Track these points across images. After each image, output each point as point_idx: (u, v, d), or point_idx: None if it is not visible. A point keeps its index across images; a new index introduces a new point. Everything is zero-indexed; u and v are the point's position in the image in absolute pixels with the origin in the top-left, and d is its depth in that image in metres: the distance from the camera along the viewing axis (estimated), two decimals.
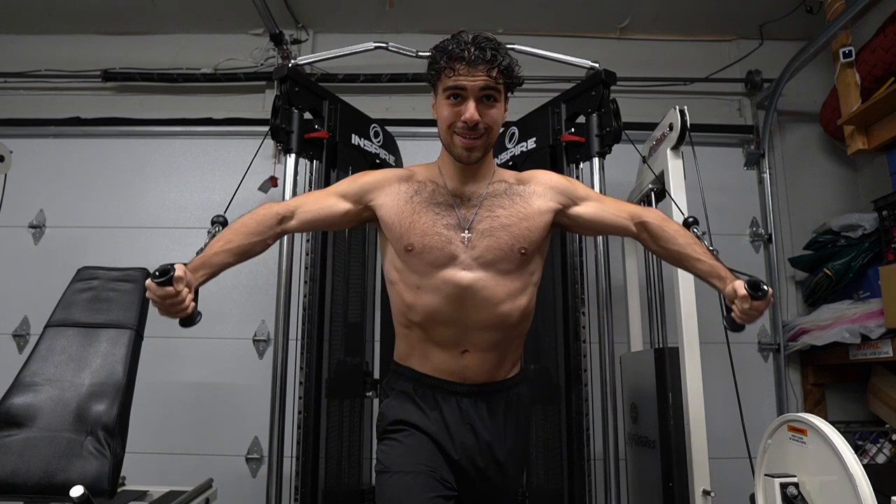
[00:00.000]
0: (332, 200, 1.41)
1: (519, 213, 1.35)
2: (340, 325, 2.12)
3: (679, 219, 1.88)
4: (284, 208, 1.39)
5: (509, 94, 1.37)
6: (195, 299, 1.23)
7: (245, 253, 1.33)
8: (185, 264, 1.21)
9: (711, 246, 1.42)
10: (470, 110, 1.27)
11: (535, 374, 2.11)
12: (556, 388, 2.03)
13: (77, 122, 2.96)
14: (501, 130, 2.38)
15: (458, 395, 1.35)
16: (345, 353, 2.14)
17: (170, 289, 1.15)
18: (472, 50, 1.26)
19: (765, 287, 1.23)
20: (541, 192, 1.40)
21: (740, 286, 1.25)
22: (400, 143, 2.52)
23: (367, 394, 2.24)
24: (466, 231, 1.33)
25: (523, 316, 1.39)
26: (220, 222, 1.45)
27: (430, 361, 1.36)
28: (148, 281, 1.16)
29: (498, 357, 1.38)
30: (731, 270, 1.34)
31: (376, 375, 2.31)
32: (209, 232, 1.40)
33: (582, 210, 1.43)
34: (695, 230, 1.49)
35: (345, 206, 1.41)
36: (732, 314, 1.29)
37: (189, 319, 1.23)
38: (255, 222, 1.34)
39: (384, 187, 1.40)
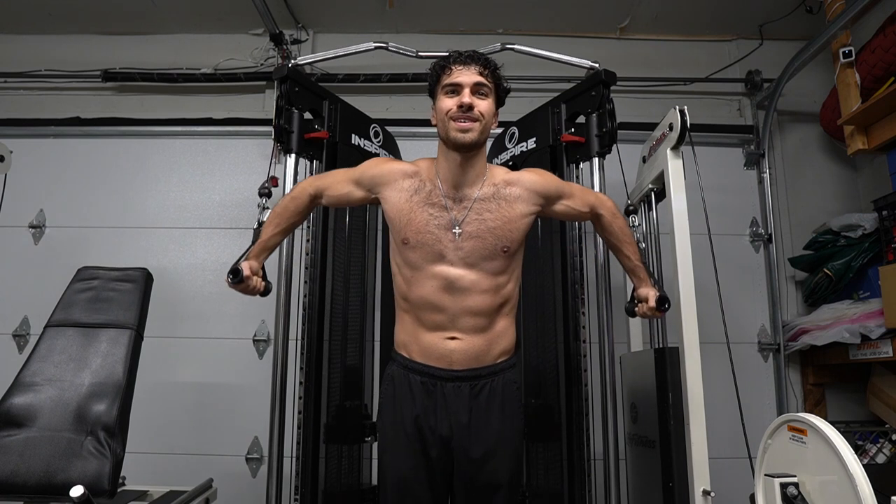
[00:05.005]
0: (349, 188, 1.63)
1: (504, 216, 1.52)
2: (340, 324, 2.12)
3: (680, 220, 1.90)
4: (315, 189, 1.65)
5: (498, 109, 1.57)
6: (263, 277, 1.61)
7: (290, 230, 1.69)
8: (245, 258, 1.57)
9: (643, 243, 1.94)
10: (466, 96, 1.47)
11: (536, 375, 2.10)
12: (557, 389, 2.03)
13: (77, 122, 2.96)
14: (501, 130, 2.38)
15: (443, 381, 1.50)
16: (345, 353, 2.14)
17: (242, 284, 1.54)
18: (466, 55, 1.52)
19: (667, 306, 1.60)
20: (525, 196, 1.57)
21: (653, 297, 1.59)
22: (400, 143, 2.52)
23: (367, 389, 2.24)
24: (457, 229, 1.50)
25: (505, 304, 1.56)
26: (266, 194, 1.89)
27: (421, 345, 1.52)
28: (227, 281, 1.53)
29: (485, 343, 1.52)
30: (649, 275, 1.67)
31: (376, 372, 2.31)
32: (260, 205, 1.86)
33: (557, 207, 1.65)
34: (632, 220, 2.03)
35: (358, 194, 1.63)
36: (636, 308, 1.65)
37: (265, 293, 1.63)
38: (294, 204, 1.63)
39: (391, 182, 1.57)
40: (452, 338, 1.50)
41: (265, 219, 1.70)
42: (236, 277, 1.52)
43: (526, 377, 2.05)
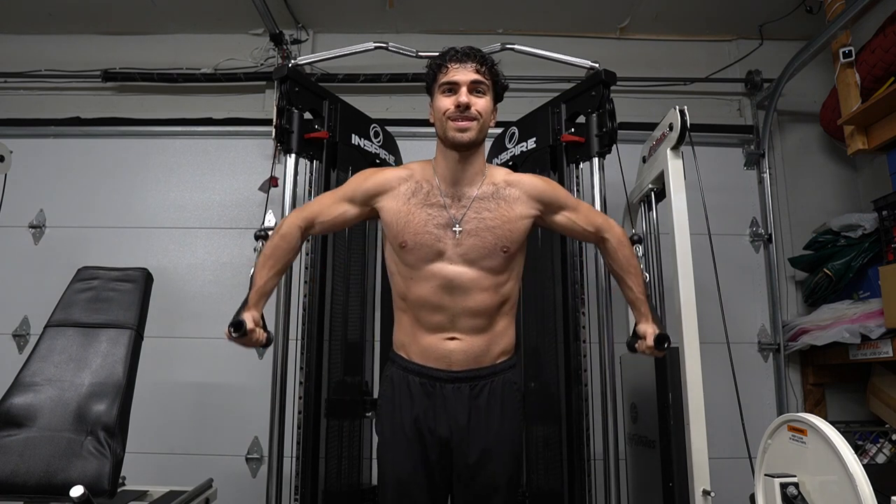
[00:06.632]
0: (343, 207, 1.58)
1: (503, 215, 1.50)
2: (340, 324, 2.12)
3: (680, 220, 1.90)
4: (304, 220, 1.57)
5: (496, 105, 1.56)
6: (264, 326, 1.48)
7: (285, 269, 1.63)
8: (245, 308, 1.46)
9: (647, 274, 1.68)
10: (463, 95, 1.45)
11: (535, 375, 2.11)
12: (556, 388, 2.03)
13: (77, 122, 2.96)
14: (501, 130, 2.38)
15: (442, 382, 1.49)
16: (345, 354, 2.14)
17: (246, 338, 1.42)
18: (462, 52, 1.49)
19: (667, 345, 1.49)
20: (524, 198, 1.55)
21: (651, 335, 1.50)
22: (400, 143, 2.52)
23: (367, 382, 2.24)
24: (457, 227, 1.48)
25: (505, 303, 1.54)
26: (264, 237, 1.73)
27: (420, 346, 1.51)
28: (227, 334, 1.39)
29: (485, 343, 1.51)
30: (652, 312, 1.59)
31: (376, 371, 2.31)
32: (255, 249, 1.68)
33: (558, 218, 1.60)
34: (636, 249, 1.73)
35: (354, 211, 1.58)
36: (636, 345, 1.55)
37: (267, 344, 1.50)
38: (285, 242, 1.55)
39: (388, 190, 1.54)
40: (452, 338, 1.48)
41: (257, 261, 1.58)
42: (239, 330, 1.39)
43: (526, 377, 2.05)
